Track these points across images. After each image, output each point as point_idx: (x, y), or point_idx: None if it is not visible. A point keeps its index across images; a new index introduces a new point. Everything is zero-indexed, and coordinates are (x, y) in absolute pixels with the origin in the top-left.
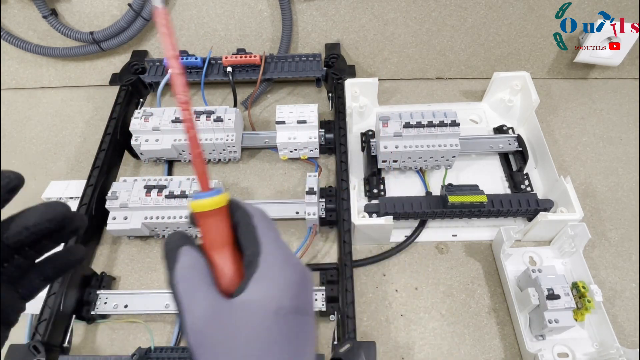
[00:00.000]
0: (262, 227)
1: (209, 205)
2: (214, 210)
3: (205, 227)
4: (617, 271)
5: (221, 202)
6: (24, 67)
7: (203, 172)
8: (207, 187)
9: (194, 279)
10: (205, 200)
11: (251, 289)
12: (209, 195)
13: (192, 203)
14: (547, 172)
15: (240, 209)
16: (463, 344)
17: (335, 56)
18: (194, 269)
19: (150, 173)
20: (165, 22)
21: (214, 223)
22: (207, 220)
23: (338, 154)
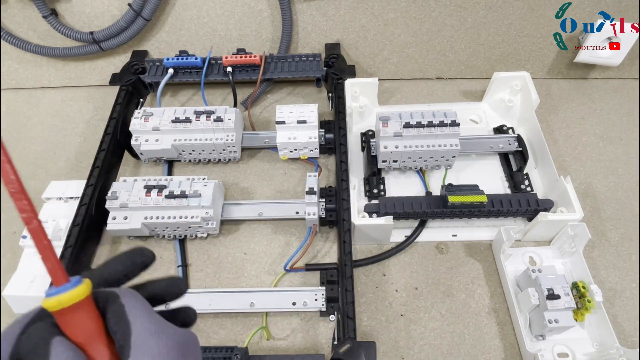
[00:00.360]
0: (131, 305)
1: (67, 300)
2: (75, 304)
3: (69, 324)
4: (617, 271)
5: (81, 294)
6: (24, 67)
7: (56, 264)
8: (63, 280)
9: None
10: (62, 296)
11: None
12: (66, 290)
13: (45, 302)
14: (547, 172)
15: (106, 294)
16: (463, 344)
17: (335, 56)
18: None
19: (150, 173)
20: None
21: (77, 318)
22: (66, 316)
23: (338, 154)
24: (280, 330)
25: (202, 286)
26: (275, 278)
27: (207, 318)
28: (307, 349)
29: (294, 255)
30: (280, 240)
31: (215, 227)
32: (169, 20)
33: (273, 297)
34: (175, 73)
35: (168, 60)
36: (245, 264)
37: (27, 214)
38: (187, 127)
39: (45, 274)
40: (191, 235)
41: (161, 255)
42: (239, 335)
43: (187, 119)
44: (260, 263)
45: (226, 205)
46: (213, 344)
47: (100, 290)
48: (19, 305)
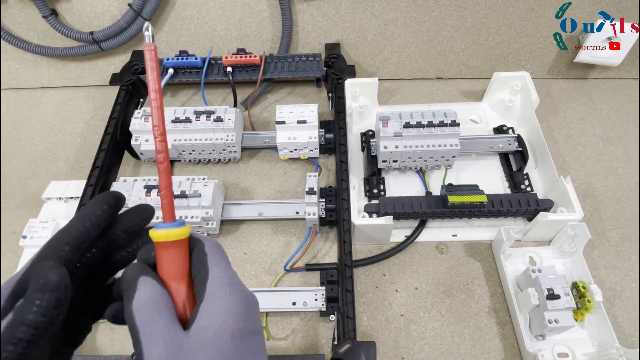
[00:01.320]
0: (213, 254)
1: (173, 235)
2: (176, 241)
3: (164, 258)
4: (617, 271)
5: (184, 234)
6: (24, 67)
7: (171, 203)
8: (172, 218)
9: (153, 312)
10: (170, 231)
11: (202, 315)
12: (173, 226)
13: (154, 232)
14: (547, 172)
15: (196, 241)
16: (463, 344)
17: (335, 56)
18: (152, 301)
19: (150, 173)
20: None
21: (173, 254)
22: (166, 251)
23: (338, 154)
24: (280, 330)
25: None
26: (275, 278)
27: None
28: (307, 349)
29: (294, 255)
30: (280, 240)
31: (215, 227)
32: (169, 20)
33: (273, 297)
34: (175, 73)
35: (168, 60)
36: (245, 264)
37: (162, 155)
38: (187, 127)
39: None
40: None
41: None
42: None
43: (187, 119)
44: (260, 263)
45: (226, 205)
46: None
47: (192, 235)
48: None
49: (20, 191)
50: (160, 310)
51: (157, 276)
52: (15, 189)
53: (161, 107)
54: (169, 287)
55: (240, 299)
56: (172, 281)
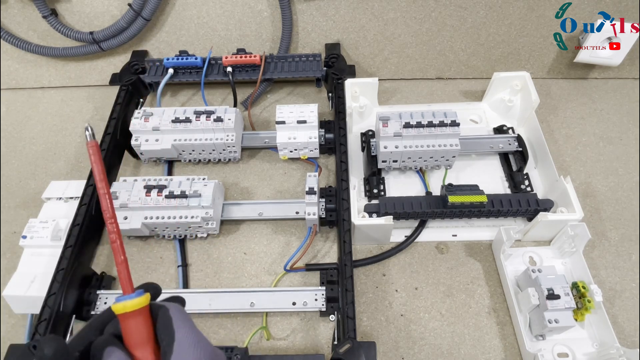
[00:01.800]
0: (177, 318)
1: (131, 306)
2: (136, 310)
3: (128, 327)
4: (617, 271)
5: (142, 303)
6: (24, 67)
7: (127, 277)
8: (130, 290)
9: None
10: (127, 302)
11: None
12: (131, 298)
13: (114, 306)
14: (547, 172)
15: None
16: (463, 344)
17: (335, 56)
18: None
19: (150, 173)
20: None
21: (136, 322)
22: (130, 320)
23: (338, 154)
24: (280, 330)
25: (202, 286)
26: (275, 278)
27: (207, 318)
28: (307, 349)
29: (294, 255)
30: (280, 240)
31: (215, 227)
32: (169, 20)
33: (273, 297)
34: (175, 73)
35: (168, 60)
36: (245, 264)
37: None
38: (187, 127)
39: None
40: (191, 235)
41: (161, 255)
42: (239, 335)
43: (187, 119)
44: (260, 263)
45: (226, 205)
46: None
47: (153, 303)
48: (19, 305)
49: (20, 191)
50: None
51: (122, 346)
52: (15, 189)
53: (109, 194)
54: (134, 354)
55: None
56: (138, 347)
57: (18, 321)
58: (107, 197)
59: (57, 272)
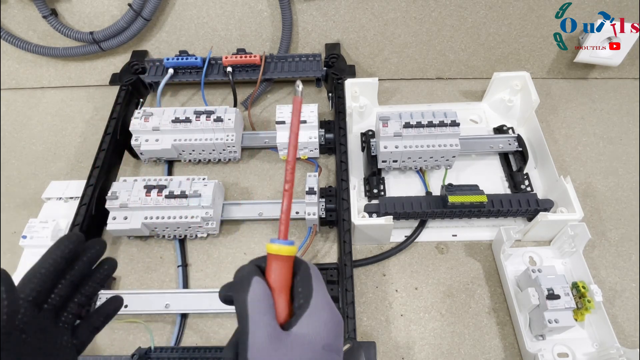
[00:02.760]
0: (316, 278)
1: (285, 251)
2: (285, 256)
3: (274, 268)
4: (617, 271)
5: (293, 252)
6: (24, 67)
7: (287, 225)
8: (285, 237)
9: (261, 307)
10: (282, 247)
11: (302, 323)
12: (286, 244)
13: (270, 245)
14: (547, 172)
15: (301, 262)
16: (463, 344)
17: (335, 56)
18: (263, 298)
19: (150, 173)
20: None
21: (281, 266)
22: (277, 262)
23: (338, 154)
24: None
25: (202, 286)
26: None
27: (207, 318)
28: None
29: None
30: None
31: (215, 227)
32: (169, 20)
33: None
34: (175, 73)
35: (168, 60)
36: None
37: (289, 184)
38: (187, 127)
39: None
40: (191, 235)
41: (161, 255)
42: None
43: (187, 119)
44: None
45: (226, 205)
46: (213, 344)
47: (297, 257)
48: None
49: (20, 191)
50: (268, 308)
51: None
52: (15, 189)
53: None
54: (272, 291)
55: (335, 320)
56: (276, 290)
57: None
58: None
59: None
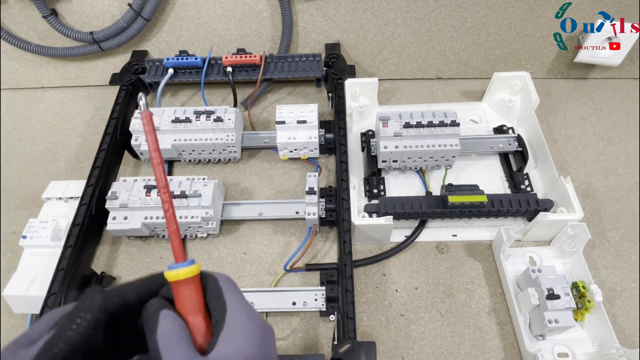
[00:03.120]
0: (227, 289)
1: (184, 274)
2: (187, 278)
3: (180, 294)
4: (617, 271)
5: (194, 272)
6: (24, 67)
7: (179, 246)
8: (182, 259)
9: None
10: (180, 270)
11: (221, 343)
12: (183, 266)
13: (167, 273)
14: (547, 172)
15: (208, 277)
16: (463, 344)
17: (335, 56)
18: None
19: (150, 173)
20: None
21: (187, 290)
22: (181, 287)
23: (338, 154)
24: (280, 330)
25: None
26: (275, 278)
27: None
28: (307, 349)
29: (294, 255)
30: (280, 240)
31: (215, 227)
32: (169, 20)
33: (273, 297)
34: (175, 73)
35: (168, 60)
36: (245, 264)
37: (167, 204)
38: (187, 127)
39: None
40: (191, 235)
41: (161, 255)
42: None
43: (187, 119)
44: (260, 263)
45: (226, 205)
46: None
47: (203, 272)
48: (19, 305)
49: (20, 191)
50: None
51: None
52: (15, 189)
53: (162, 163)
54: (186, 320)
55: (256, 329)
56: (189, 314)
57: (18, 321)
58: (160, 167)
59: (57, 272)
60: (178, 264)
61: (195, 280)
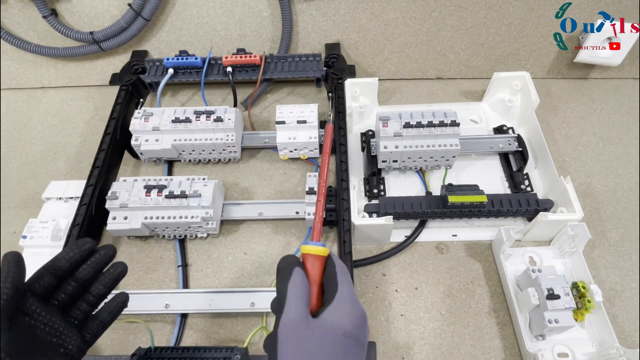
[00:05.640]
0: (341, 274)
1: (318, 251)
2: (316, 255)
3: (309, 264)
4: (617, 271)
5: (325, 253)
6: (24, 67)
7: (319, 229)
8: (318, 239)
9: (298, 293)
10: (316, 248)
11: (328, 312)
12: (319, 245)
13: (305, 246)
14: (547, 172)
15: (330, 260)
16: (463, 344)
17: (335, 56)
18: (300, 286)
19: (150, 173)
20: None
21: (314, 263)
22: (310, 260)
23: (338, 154)
24: None
25: (202, 286)
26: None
27: (207, 318)
28: None
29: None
30: (280, 240)
31: (215, 227)
32: (169, 20)
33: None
34: (175, 73)
35: (168, 60)
36: (245, 264)
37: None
38: (187, 127)
39: None
40: (191, 235)
41: (161, 255)
42: (239, 335)
43: (187, 119)
44: (260, 263)
45: (226, 205)
46: (213, 344)
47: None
48: None
49: (20, 191)
50: (304, 294)
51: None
52: (15, 189)
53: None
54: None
55: (356, 312)
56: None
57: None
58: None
59: None
60: (316, 242)
61: (322, 259)
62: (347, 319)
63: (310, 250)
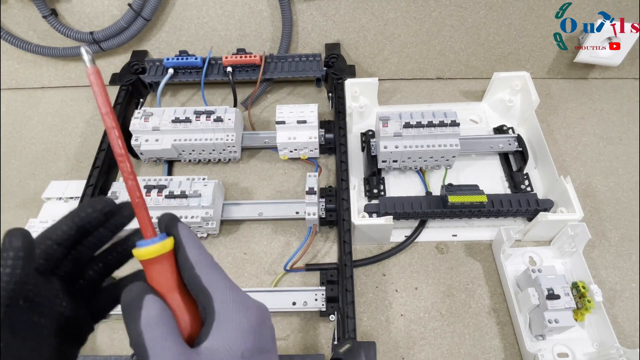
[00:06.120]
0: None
1: (157, 251)
2: (162, 255)
3: (154, 273)
4: (617, 271)
5: (167, 247)
6: (24, 67)
7: (147, 219)
8: (151, 234)
9: (160, 332)
10: (153, 247)
11: (214, 336)
12: (153, 242)
13: (136, 251)
14: (547, 172)
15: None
16: (463, 344)
17: (335, 56)
18: (159, 320)
19: (150, 173)
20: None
21: (161, 268)
22: (154, 266)
23: (338, 154)
24: (280, 330)
25: None
26: (275, 278)
27: None
28: (307, 349)
29: (294, 255)
30: (280, 240)
31: (215, 227)
32: (169, 20)
33: (273, 297)
34: (175, 73)
35: (168, 60)
36: (245, 264)
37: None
38: (187, 127)
39: None
40: None
41: None
42: None
43: (187, 119)
44: (260, 263)
45: (226, 205)
46: None
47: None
48: None
49: (20, 191)
50: (169, 329)
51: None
52: (15, 189)
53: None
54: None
55: (250, 319)
56: (166, 294)
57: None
58: (115, 132)
59: None
60: (147, 240)
61: (169, 257)
62: (239, 334)
63: (147, 253)
